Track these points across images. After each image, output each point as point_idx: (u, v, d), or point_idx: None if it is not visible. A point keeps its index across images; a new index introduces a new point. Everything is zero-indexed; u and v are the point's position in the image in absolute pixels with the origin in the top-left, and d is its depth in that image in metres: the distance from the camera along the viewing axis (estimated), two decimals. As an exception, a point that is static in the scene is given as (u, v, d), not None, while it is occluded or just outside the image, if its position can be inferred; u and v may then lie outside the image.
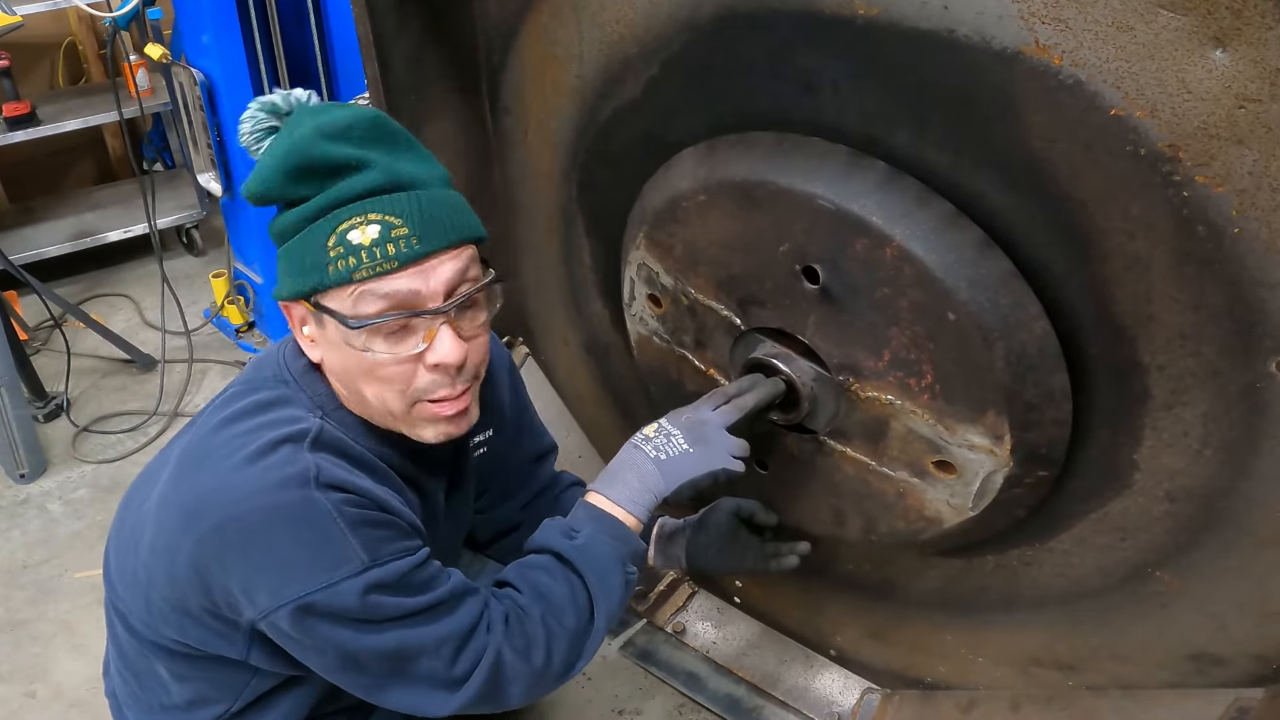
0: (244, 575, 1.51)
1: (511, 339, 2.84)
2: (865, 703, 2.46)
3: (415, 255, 1.48)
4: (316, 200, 1.47)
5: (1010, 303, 1.61)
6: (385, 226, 1.46)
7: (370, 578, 1.50)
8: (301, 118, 1.52)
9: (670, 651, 2.72)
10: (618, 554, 1.74)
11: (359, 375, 1.56)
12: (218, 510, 1.51)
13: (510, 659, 1.65)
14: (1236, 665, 1.77)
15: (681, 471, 1.79)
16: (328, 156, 1.46)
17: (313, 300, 1.51)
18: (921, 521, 1.90)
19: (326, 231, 1.46)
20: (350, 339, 1.51)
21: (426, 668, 1.59)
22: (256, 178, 1.50)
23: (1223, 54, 1.28)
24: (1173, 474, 1.66)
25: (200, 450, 1.60)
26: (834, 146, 1.73)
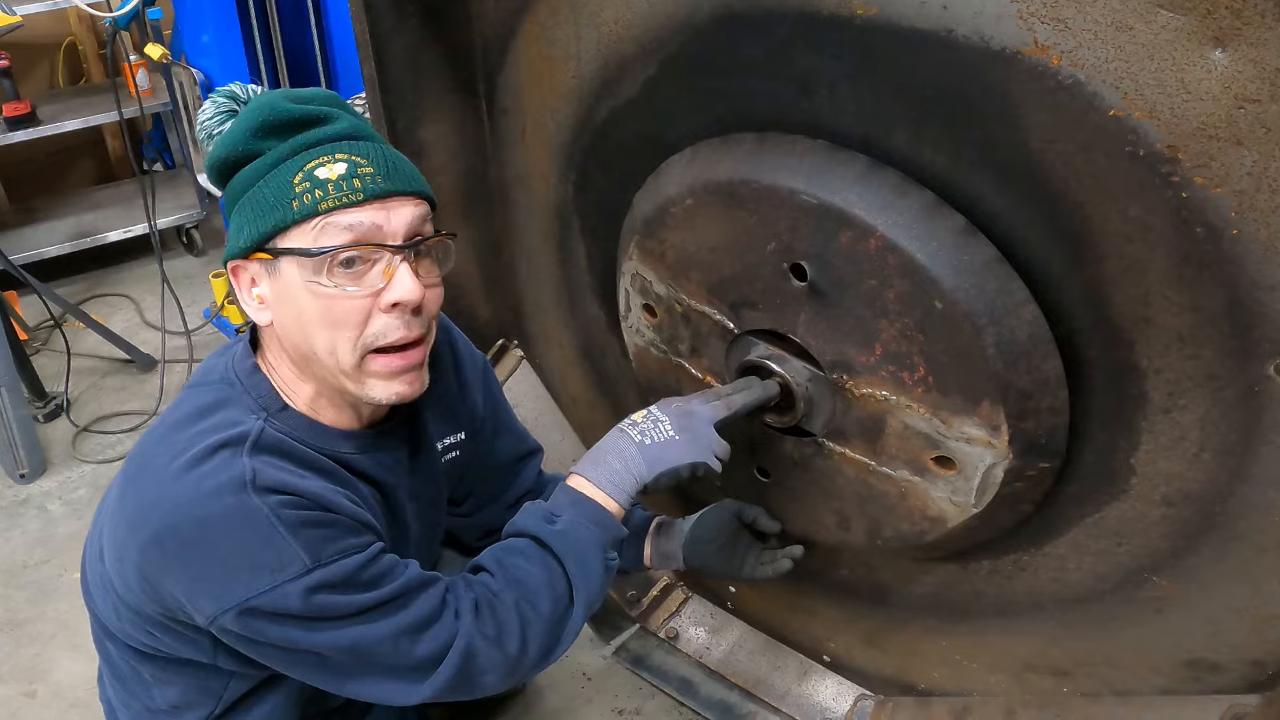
0: (186, 584, 1.51)
1: (506, 342, 2.84)
2: (859, 709, 2.45)
3: (380, 191, 1.52)
4: (283, 146, 1.52)
5: (996, 288, 1.60)
6: (351, 165, 1.51)
7: (314, 579, 1.50)
8: (263, 95, 1.61)
9: (663, 657, 2.71)
10: (597, 539, 1.74)
11: (313, 324, 1.55)
12: (156, 520, 1.51)
13: (482, 646, 1.64)
14: (1233, 671, 1.76)
15: (664, 458, 1.78)
16: (294, 111, 1.52)
17: (270, 246, 1.52)
18: (926, 522, 1.88)
19: (293, 170, 1.50)
20: (311, 274, 1.51)
21: (387, 660, 1.59)
22: (221, 143, 1.56)
23: (1222, 54, 1.27)
24: (1169, 478, 1.65)
25: (142, 458, 1.61)
26: (814, 142, 1.73)
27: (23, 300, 4.25)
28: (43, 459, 3.69)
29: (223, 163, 1.56)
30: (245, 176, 1.54)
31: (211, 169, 1.59)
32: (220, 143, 1.56)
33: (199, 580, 1.50)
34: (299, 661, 1.59)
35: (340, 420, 1.70)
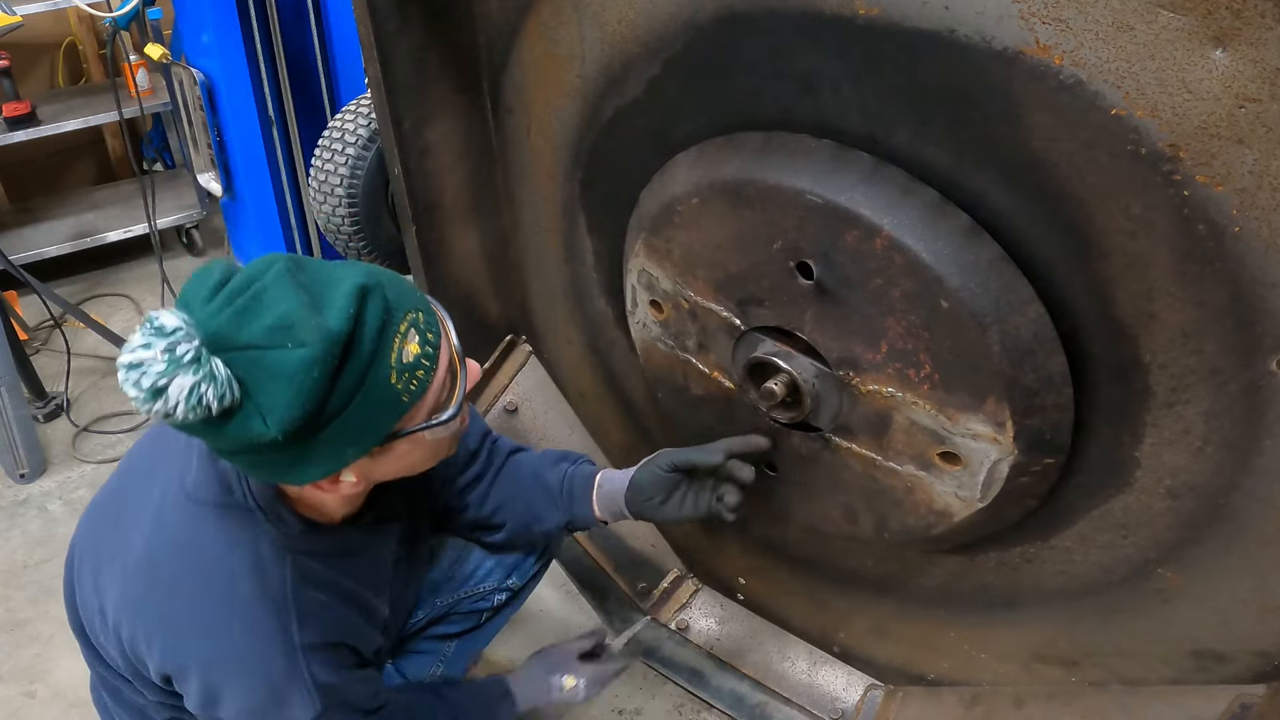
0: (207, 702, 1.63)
1: (514, 337, 2.85)
2: (869, 699, 2.47)
3: (439, 333, 1.51)
4: (358, 361, 1.37)
5: (1001, 287, 1.61)
6: (414, 325, 1.45)
7: None
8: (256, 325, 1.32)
9: (674, 648, 2.73)
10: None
11: (425, 459, 1.63)
12: (198, 656, 1.61)
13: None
14: (1239, 661, 1.78)
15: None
16: (345, 322, 1.34)
17: (384, 439, 1.48)
18: (932, 516, 1.90)
19: (385, 374, 1.40)
20: (435, 435, 1.55)
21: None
22: (289, 413, 1.32)
23: (1223, 54, 1.28)
24: (1174, 471, 1.66)
25: (172, 575, 1.63)
26: (820, 141, 1.74)
27: (23, 300, 4.26)
28: (43, 459, 3.70)
29: (299, 429, 1.34)
30: (328, 415, 1.36)
31: (265, 440, 1.33)
32: (286, 413, 1.31)
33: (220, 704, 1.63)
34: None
35: (349, 510, 1.76)
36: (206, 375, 1.26)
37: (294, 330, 1.30)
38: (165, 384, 1.25)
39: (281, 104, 4.01)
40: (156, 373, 1.25)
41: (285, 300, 1.32)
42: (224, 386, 1.28)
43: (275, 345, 1.30)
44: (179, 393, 1.25)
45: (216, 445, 1.41)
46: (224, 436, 1.34)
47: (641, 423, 2.61)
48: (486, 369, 2.81)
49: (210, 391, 1.26)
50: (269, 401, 1.30)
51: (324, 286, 1.37)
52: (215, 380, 1.27)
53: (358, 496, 1.71)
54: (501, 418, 2.84)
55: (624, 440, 2.70)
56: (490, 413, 2.83)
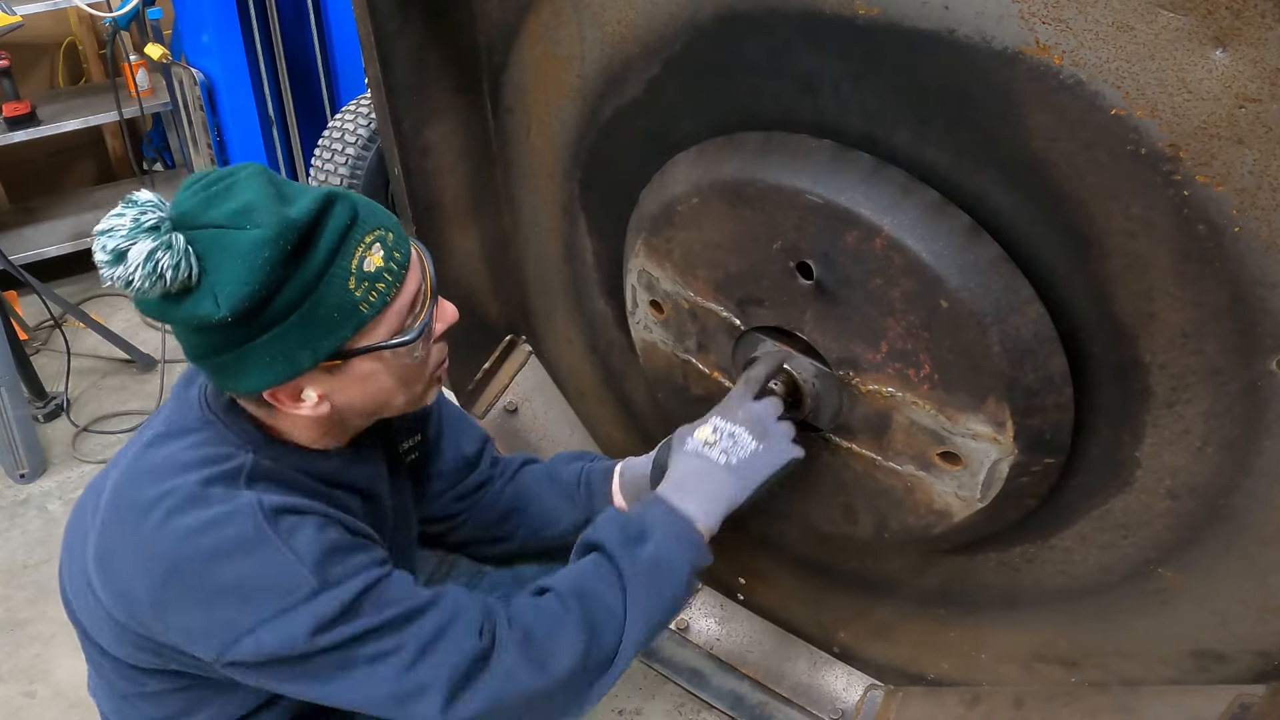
0: (198, 618, 1.50)
1: (514, 337, 2.85)
2: (869, 699, 2.47)
3: (407, 252, 1.53)
4: (316, 256, 1.40)
5: (1001, 287, 1.61)
6: (380, 241, 1.48)
7: (322, 606, 1.48)
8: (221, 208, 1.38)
9: (674, 649, 2.73)
10: (688, 563, 1.71)
11: (392, 391, 1.60)
12: (164, 558, 1.49)
13: (516, 667, 1.60)
14: (1239, 661, 1.78)
15: (757, 472, 1.77)
16: (307, 216, 1.39)
17: (342, 351, 1.48)
18: (932, 515, 1.90)
19: (343, 276, 1.43)
20: (398, 356, 1.54)
21: (404, 678, 1.54)
22: (239, 291, 1.35)
23: (1223, 54, 1.28)
24: (1174, 471, 1.66)
25: (134, 497, 1.56)
26: (820, 141, 1.74)
27: (23, 300, 4.26)
28: (43, 459, 3.70)
29: (245, 312, 1.37)
30: (277, 307, 1.39)
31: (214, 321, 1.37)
32: (236, 291, 1.35)
33: (210, 611, 1.49)
34: (314, 688, 1.57)
35: (327, 443, 1.70)
36: (164, 244, 1.31)
37: (254, 214, 1.36)
38: (126, 248, 1.31)
39: (281, 104, 4.01)
40: (120, 236, 1.31)
41: (254, 191, 1.39)
42: (179, 255, 1.32)
43: (234, 226, 1.35)
44: (138, 257, 1.30)
45: (177, 331, 1.48)
46: (180, 318, 1.40)
47: (641, 423, 2.61)
48: (486, 369, 2.81)
49: (166, 259, 1.31)
50: (221, 279, 1.35)
51: (296, 190, 1.44)
52: (172, 249, 1.32)
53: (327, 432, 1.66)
54: (501, 418, 2.84)
55: (624, 440, 2.70)
56: (490, 413, 2.83)
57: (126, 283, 1.33)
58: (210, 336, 1.43)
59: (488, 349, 2.81)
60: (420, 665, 1.53)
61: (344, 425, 1.67)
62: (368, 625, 1.51)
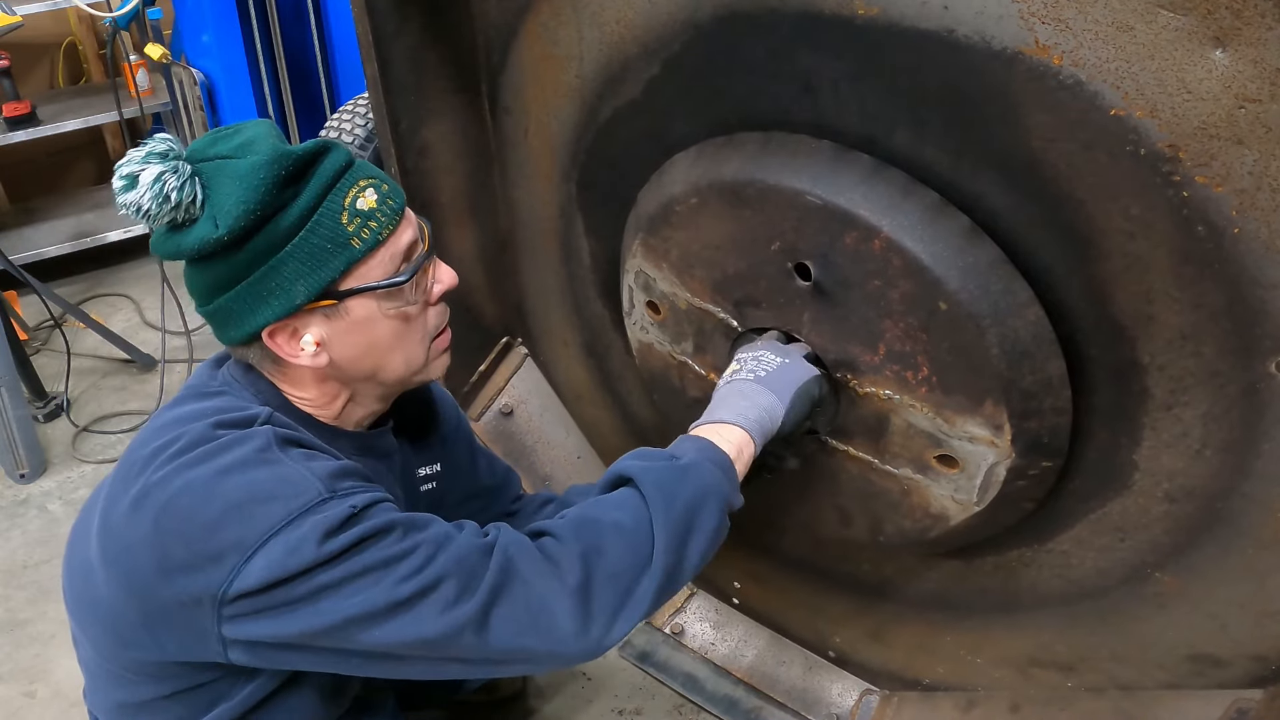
0: (202, 543, 1.44)
1: (510, 339, 2.84)
2: (864, 704, 2.46)
3: (402, 206, 1.59)
4: (311, 188, 1.48)
5: (1000, 289, 1.61)
6: (375, 187, 1.54)
7: (329, 512, 1.44)
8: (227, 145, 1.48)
9: (669, 653, 2.72)
10: (721, 489, 1.62)
11: (387, 344, 1.61)
12: (170, 488, 1.46)
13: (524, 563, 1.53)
14: (1236, 666, 1.77)
15: (790, 380, 1.76)
16: (302, 153, 1.47)
17: (336, 290, 1.52)
18: (928, 519, 1.89)
19: (336, 211, 1.49)
20: (390, 301, 1.58)
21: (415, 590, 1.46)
22: (235, 210, 1.42)
23: (1223, 54, 1.28)
24: (1172, 474, 1.66)
25: (140, 451, 1.56)
26: (819, 142, 1.74)
27: (23, 300, 4.25)
28: (43, 459, 3.68)
29: (242, 230, 1.44)
30: (274, 235, 1.47)
31: (211, 241, 1.44)
32: (234, 210, 1.42)
33: (214, 534, 1.43)
34: (324, 612, 1.46)
35: (342, 423, 1.72)
36: (172, 169, 1.42)
37: (254, 145, 1.46)
38: (138, 172, 1.41)
39: (281, 104, 4.01)
40: (134, 162, 1.42)
41: (258, 131, 1.49)
42: (184, 178, 1.42)
43: (237, 156, 1.45)
44: (147, 180, 1.40)
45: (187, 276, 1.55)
46: (186, 248, 1.47)
47: (637, 426, 2.61)
48: (482, 371, 2.81)
49: (173, 181, 1.41)
50: (220, 202, 1.44)
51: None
52: (179, 173, 1.42)
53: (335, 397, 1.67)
54: (497, 420, 2.83)
55: (619, 443, 2.69)
56: (486, 415, 2.82)
57: (138, 209, 1.42)
58: (213, 270, 1.49)
59: (484, 351, 2.81)
60: (432, 563, 1.47)
61: (349, 392, 1.67)
62: (378, 525, 1.47)
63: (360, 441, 1.74)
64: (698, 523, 1.59)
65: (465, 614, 1.47)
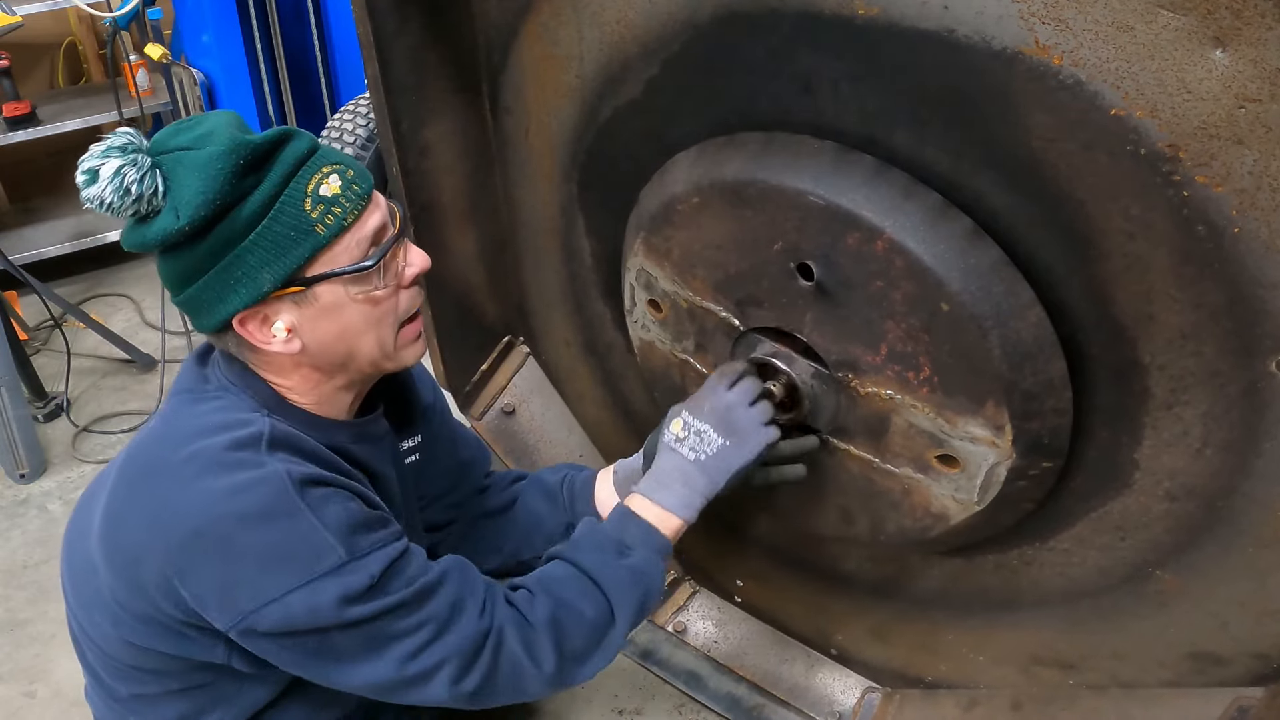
0: (220, 582, 1.50)
1: (512, 339, 2.84)
2: (866, 701, 2.46)
3: (368, 192, 1.58)
4: (272, 176, 1.49)
5: (1003, 291, 1.61)
6: (339, 173, 1.54)
7: (348, 577, 1.51)
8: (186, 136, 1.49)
9: (671, 650, 2.72)
10: (661, 571, 1.80)
11: (357, 329, 1.62)
12: (190, 519, 1.50)
13: (515, 649, 1.66)
14: (1237, 664, 1.77)
15: (724, 468, 1.81)
16: (262, 141, 1.48)
17: (302, 277, 1.53)
18: (928, 518, 1.89)
19: (299, 198, 1.50)
20: (358, 286, 1.58)
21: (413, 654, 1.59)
22: (194, 200, 1.44)
23: (1223, 54, 1.28)
24: (1173, 473, 1.66)
25: (149, 462, 1.60)
26: (822, 143, 1.74)
27: (23, 300, 4.25)
28: (43, 459, 3.69)
29: (203, 220, 1.45)
30: (236, 224, 1.48)
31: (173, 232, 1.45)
32: (193, 200, 1.43)
33: (235, 577, 1.49)
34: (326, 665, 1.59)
35: (334, 413, 1.73)
36: (132, 161, 1.43)
37: (214, 136, 1.46)
38: (98, 166, 1.43)
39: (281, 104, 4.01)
40: (94, 156, 1.44)
41: (218, 121, 1.50)
42: (143, 170, 1.43)
43: (196, 147, 1.46)
44: (108, 173, 1.41)
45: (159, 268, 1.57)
46: (151, 240, 1.48)
47: (639, 425, 2.61)
48: (484, 370, 2.80)
49: (132, 174, 1.42)
50: (180, 194, 1.45)
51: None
52: (138, 166, 1.43)
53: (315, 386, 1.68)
54: (499, 419, 2.83)
55: (621, 442, 2.69)
56: (488, 415, 2.82)
57: (101, 202, 1.44)
58: (180, 260, 1.51)
59: (485, 350, 2.80)
60: (437, 642, 1.59)
61: (329, 381, 1.68)
62: (394, 601, 1.55)
63: (356, 430, 1.76)
64: (648, 604, 1.80)
65: (458, 693, 1.63)
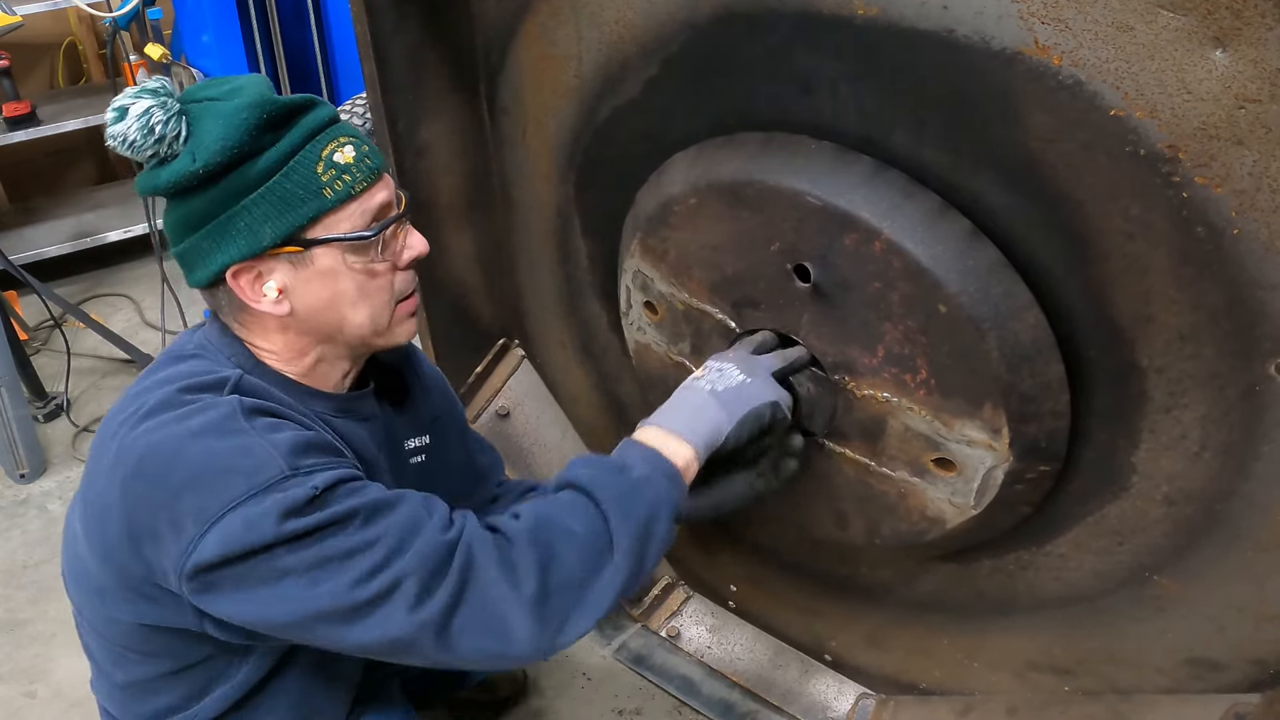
0: (166, 509, 1.44)
1: (507, 341, 2.84)
2: (860, 708, 2.45)
3: (380, 168, 1.60)
4: (291, 136, 1.52)
5: (1001, 292, 1.60)
6: (355, 145, 1.57)
7: (290, 491, 1.42)
8: (215, 89, 1.53)
9: (664, 656, 2.72)
10: (670, 499, 1.62)
11: (349, 299, 1.61)
12: (137, 453, 1.47)
13: (488, 569, 1.51)
14: (1234, 670, 1.76)
15: (743, 401, 1.72)
16: (285, 102, 1.52)
17: (300, 238, 1.54)
18: (924, 522, 1.88)
19: (313, 160, 1.52)
20: (356, 255, 1.59)
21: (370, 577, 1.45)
22: (213, 146, 1.46)
23: (1223, 54, 1.28)
24: (1171, 477, 1.65)
25: (115, 417, 1.59)
26: (820, 143, 1.73)
27: (23, 300, 4.25)
28: (43, 459, 3.69)
29: (218, 166, 1.47)
30: (249, 176, 1.49)
31: (186, 174, 1.47)
32: (212, 145, 1.46)
33: (175, 500, 1.43)
34: (282, 598, 1.45)
35: (318, 384, 1.71)
36: (161, 104, 1.46)
37: (243, 91, 1.51)
38: (128, 105, 1.46)
39: (281, 105, 4.00)
40: (126, 95, 1.47)
41: (251, 82, 1.54)
42: (170, 113, 1.46)
43: (223, 99, 1.50)
44: (136, 111, 1.45)
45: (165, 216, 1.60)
46: (164, 183, 1.51)
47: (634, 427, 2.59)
48: (479, 373, 2.80)
49: (159, 114, 1.45)
50: (201, 138, 1.48)
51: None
52: (166, 108, 1.46)
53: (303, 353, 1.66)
54: (493, 422, 2.83)
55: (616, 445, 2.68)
56: (482, 417, 2.82)
57: (124, 139, 1.46)
58: (187, 205, 1.53)
59: (481, 352, 2.80)
60: (395, 559, 1.46)
61: (318, 349, 1.67)
62: (341, 512, 1.45)
63: (339, 403, 1.74)
64: (654, 531, 1.59)
65: (426, 616, 1.46)
